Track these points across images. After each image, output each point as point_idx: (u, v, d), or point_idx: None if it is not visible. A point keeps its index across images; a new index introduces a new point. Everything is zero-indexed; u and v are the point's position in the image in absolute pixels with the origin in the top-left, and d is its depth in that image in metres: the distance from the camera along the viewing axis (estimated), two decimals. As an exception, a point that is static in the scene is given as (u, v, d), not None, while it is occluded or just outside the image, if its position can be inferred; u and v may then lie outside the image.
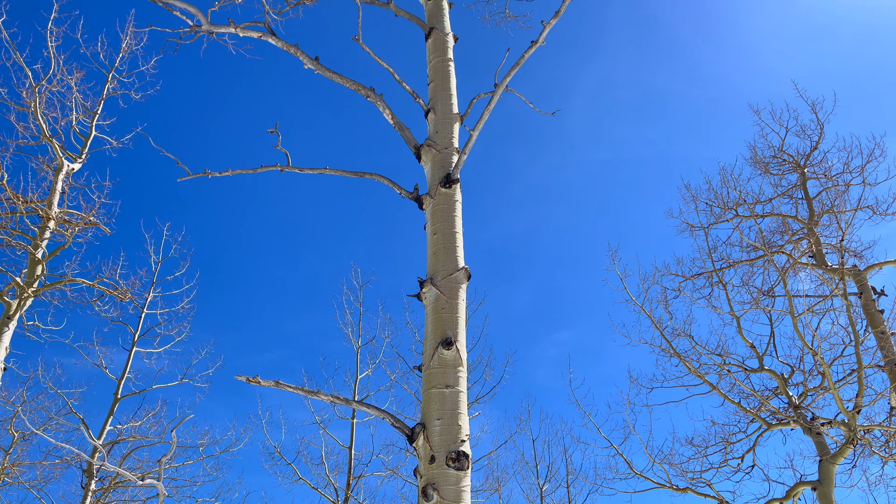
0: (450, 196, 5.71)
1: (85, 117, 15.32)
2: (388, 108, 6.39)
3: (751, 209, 15.59)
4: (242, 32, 6.84)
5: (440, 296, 5.15)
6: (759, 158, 16.42)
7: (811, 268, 14.16)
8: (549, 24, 6.05)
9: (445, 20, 7.35)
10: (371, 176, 6.10)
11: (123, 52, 15.88)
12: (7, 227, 13.22)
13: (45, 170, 14.48)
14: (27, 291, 12.60)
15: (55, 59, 14.59)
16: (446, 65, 6.82)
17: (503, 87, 6.17)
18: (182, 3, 6.84)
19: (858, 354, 11.38)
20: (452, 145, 6.14)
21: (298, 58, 6.68)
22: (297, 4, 8.24)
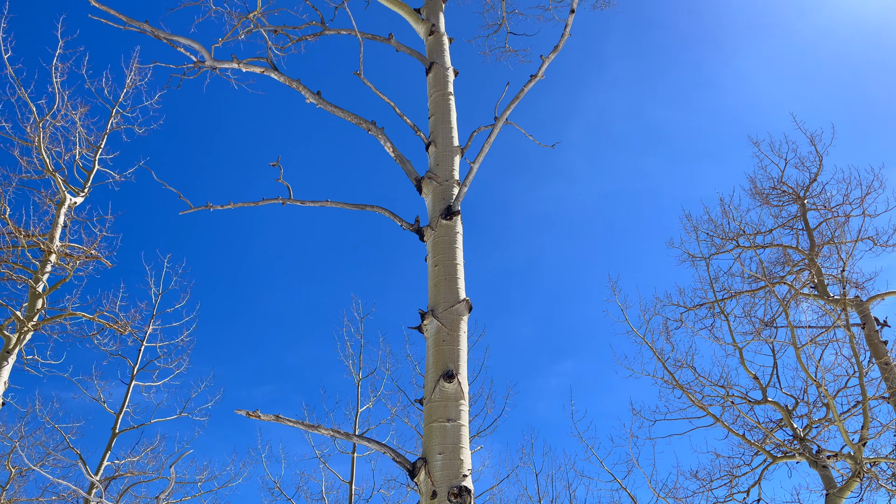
0: (451, 228, 5.73)
1: (88, 151, 15.44)
2: (389, 141, 6.45)
3: (751, 240, 15.62)
4: (245, 68, 6.93)
5: (441, 328, 5.14)
6: (758, 190, 16.51)
7: (813, 298, 14.13)
8: (547, 59, 6.13)
9: (446, 55, 7.45)
10: (372, 208, 6.13)
11: (128, 87, 16.08)
12: (8, 261, 13.24)
13: (47, 203, 14.55)
14: (27, 325, 12.56)
15: (60, 94, 14.76)
16: (447, 99, 6.90)
17: (503, 120, 6.23)
18: (186, 40, 6.94)
19: (863, 386, 11.29)
20: (453, 177, 6.17)
21: (300, 92, 6.76)
22: (299, 40, 8.37)
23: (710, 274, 14.94)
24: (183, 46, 7.07)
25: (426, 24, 7.81)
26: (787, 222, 16.05)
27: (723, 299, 14.81)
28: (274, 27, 8.35)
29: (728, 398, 13.71)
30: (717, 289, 14.86)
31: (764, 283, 14.29)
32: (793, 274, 15.28)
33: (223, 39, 8.17)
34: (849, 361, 13.21)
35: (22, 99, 14.33)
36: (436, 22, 7.84)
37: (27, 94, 14.33)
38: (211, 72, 7.57)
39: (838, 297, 13.49)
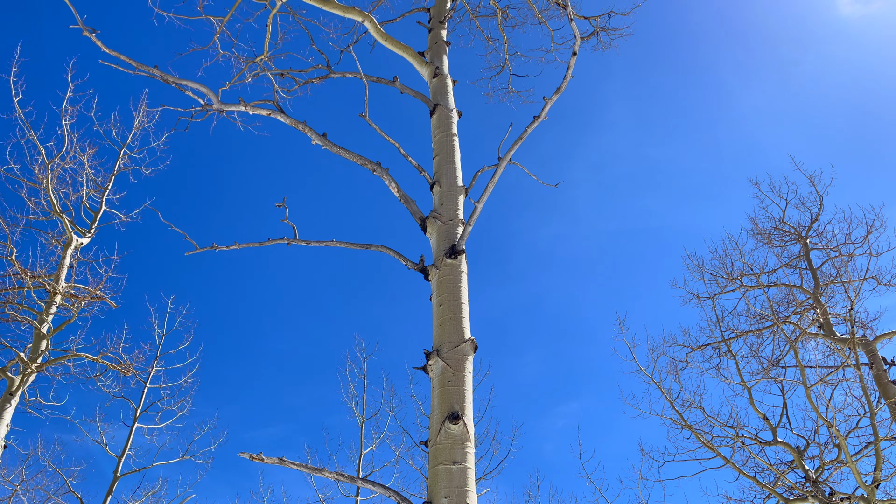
0: (455, 267, 5.73)
1: (95, 192, 15.59)
2: (393, 181, 6.50)
3: (756, 279, 15.58)
4: (252, 110, 7.03)
5: (446, 368, 5.10)
6: (760, 230, 16.54)
7: (820, 338, 14.02)
8: (550, 100, 6.21)
9: (449, 96, 7.56)
10: (377, 248, 6.14)
11: (136, 129, 16.30)
12: (13, 302, 13.25)
13: (53, 244, 14.62)
14: (31, 367, 12.51)
15: (69, 136, 14.96)
16: (451, 139, 6.97)
17: (506, 160, 6.28)
18: (194, 84, 7.06)
19: (874, 426, 11.13)
20: (457, 217, 6.20)
21: (307, 134, 6.84)
22: (305, 83, 8.51)
23: (716, 313, 14.87)
24: (191, 90, 7.19)
25: (430, 67, 7.94)
26: (791, 262, 16.03)
27: (729, 339, 14.71)
28: (280, 70, 8.50)
29: (738, 439, 13.51)
30: (723, 328, 14.78)
31: (770, 322, 14.20)
32: (799, 313, 15.20)
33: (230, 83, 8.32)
34: (859, 401, 13.05)
35: (31, 141, 14.54)
36: (440, 64, 7.97)
37: (36, 136, 14.54)
38: (218, 114, 7.68)
39: (846, 337, 13.38)
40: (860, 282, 14.16)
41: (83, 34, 6.65)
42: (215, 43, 9.31)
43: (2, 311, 13.20)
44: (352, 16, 8.50)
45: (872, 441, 11.36)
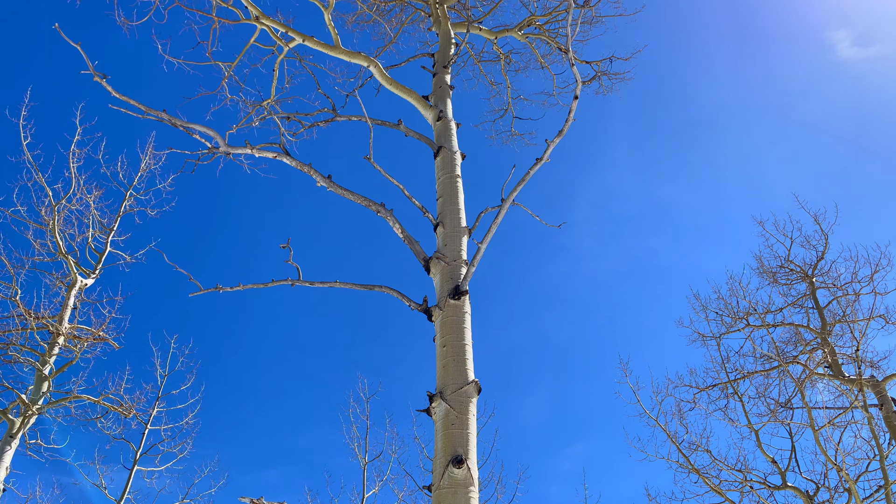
0: (459, 308, 5.73)
1: (101, 234, 15.69)
2: (397, 222, 6.54)
3: (762, 319, 15.50)
4: (258, 153, 7.12)
5: (450, 410, 5.06)
6: (766, 268, 16.51)
7: (828, 378, 13.88)
8: (552, 143, 6.28)
9: (453, 139, 7.65)
10: (380, 289, 6.15)
11: (142, 170, 16.48)
12: (17, 344, 13.24)
13: (58, 285, 14.67)
14: (32, 409, 12.43)
15: (76, 178, 15.13)
16: (454, 181, 7.03)
17: (510, 201, 6.32)
18: (201, 127, 7.16)
19: (884, 469, 10.94)
20: (461, 258, 6.22)
21: (312, 176, 6.91)
22: (311, 126, 8.62)
23: (721, 354, 14.77)
24: (198, 133, 7.29)
25: (434, 110, 8.05)
26: (797, 301, 15.96)
27: (736, 380, 14.57)
28: (287, 114, 8.63)
29: (746, 483, 13.28)
30: (729, 369, 14.66)
31: (777, 362, 14.08)
32: (806, 353, 15.08)
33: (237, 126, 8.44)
34: (868, 444, 12.85)
35: (38, 183, 14.70)
36: (443, 108, 8.09)
37: (44, 178, 14.71)
38: (224, 157, 7.78)
39: (854, 378, 13.24)
40: (867, 321, 14.08)
41: (94, 79, 6.79)
42: (223, 87, 9.48)
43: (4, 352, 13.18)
44: (358, 61, 8.66)
45: (883, 485, 11.15)
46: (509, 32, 11.69)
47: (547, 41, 11.90)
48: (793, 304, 15.97)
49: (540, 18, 11.70)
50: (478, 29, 11.53)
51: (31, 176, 14.72)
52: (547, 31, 11.80)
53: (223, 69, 9.42)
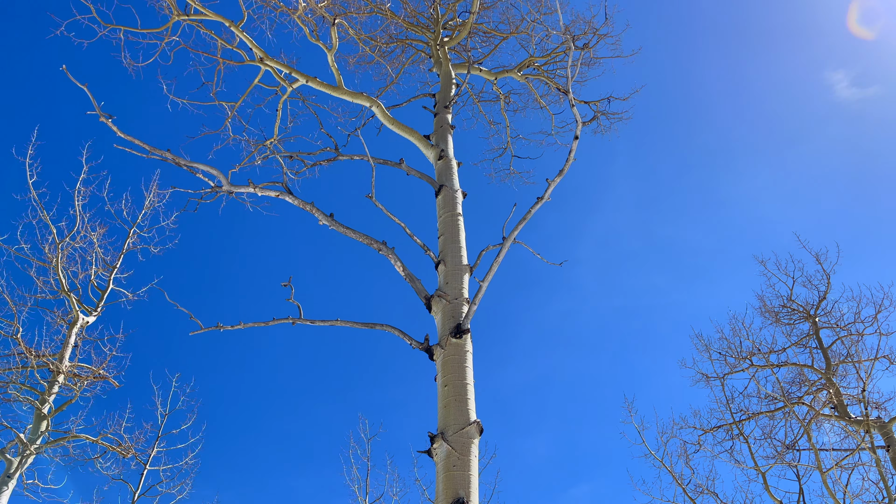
0: (460, 346, 5.70)
1: (104, 271, 15.70)
2: (399, 260, 6.55)
3: (766, 359, 15.38)
4: (261, 192, 7.17)
5: (451, 452, 4.99)
6: (768, 308, 16.44)
7: (834, 419, 13.71)
8: (553, 182, 6.32)
9: (454, 178, 7.71)
10: (382, 327, 6.13)
11: (146, 208, 16.57)
12: (16, 382, 13.15)
13: (59, 323, 14.62)
14: (30, 448, 12.29)
15: (80, 216, 15.21)
16: (455, 219, 7.07)
17: (511, 240, 6.34)
18: (205, 166, 7.23)
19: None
20: (462, 296, 6.21)
21: (314, 214, 6.95)
22: (313, 165, 8.70)
23: (725, 394, 14.62)
24: (202, 172, 7.36)
25: (435, 150, 8.13)
26: (801, 340, 15.86)
27: (741, 420, 14.40)
28: (289, 153, 8.71)
29: (753, 526, 13.02)
30: (734, 410, 14.49)
31: (782, 403, 13.93)
32: (811, 394, 14.93)
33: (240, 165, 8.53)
34: (877, 486, 12.63)
35: (43, 221, 14.77)
36: (444, 147, 8.17)
37: (49, 216, 14.78)
38: (227, 195, 7.83)
39: (860, 419, 13.08)
40: (872, 361, 13.96)
41: (100, 120, 6.88)
42: (227, 127, 9.60)
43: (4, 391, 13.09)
44: (360, 101, 8.78)
45: (894, 529, 10.93)
46: (509, 73, 11.86)
47: (546, 82, 12.07)
48: (796, 343, 15.87)
49: (539, 60, 11.89)
50: (478, 70, 11.71)
51: (37, 214, 14.80)
52: (545, 72, 11.98)
53: (227, 109, 9.55)
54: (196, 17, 8.48)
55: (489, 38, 12.34)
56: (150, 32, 8.66)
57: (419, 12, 11.87)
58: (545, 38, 11.91)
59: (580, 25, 11.55)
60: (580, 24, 11.56)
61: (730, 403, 14.50)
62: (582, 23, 11.53)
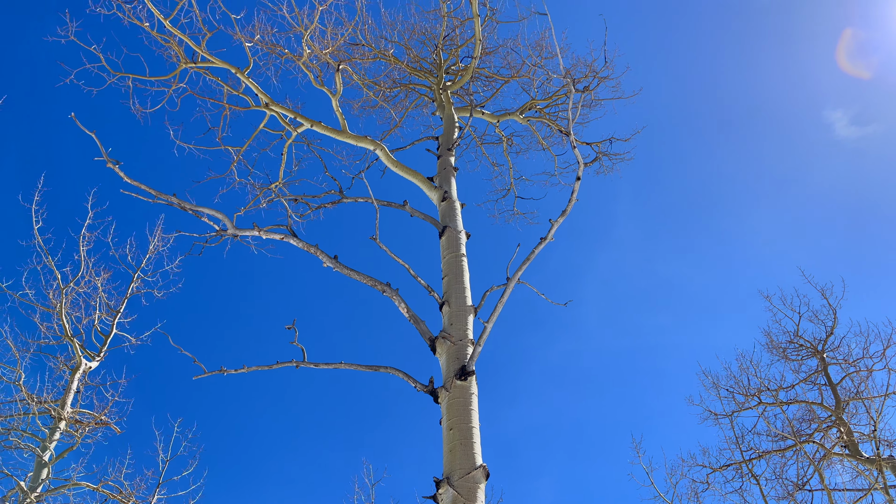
0: (465, 389, 5.66)
1: (107, 316, 15.69)
2: (403, 302, 6.54)
3: (774, 396, 15.21)
4: (266, 235, 7.21)
5: (457, 497, 4.92)
6: (775, 344, 16.32)
7: (846, 458, 13.49)
8: (556, 223, 6.35)
9: (458, 218, 7.75)
10: (386, 370, 6.10)
11: (150, 253, 16.62)
12: (18, 429, 13.04)
13: (62, 368, 14.56)
14: (30, 497, 12.12)
15: (85, 262, 15.26)
16: (459, 260, 7.08)
17: (515, 280, 6.34)
18: (210, 210, 7.29)
19: (913, 555, 10.48)
20: (467, 337, 6.19)
21: (318, 257, 6.98)
22: (318, 208, 8.76)
23: (734, 432, 14.43)
24: (207, 216, 7.42)
25: (439, 191, 8.19)
26: (809, 377, 15.70)
27: (750, 459, 14.17)
28: (294, 196, 8.78)
29: (768, 571, 12.71)
30: (743, 448, 14.29)
31: (792, 441, 13.73)
32: (821, 431, 14.71)
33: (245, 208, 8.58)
34: (893, 528, 12.36)
35: (48, 266, 14.83)
36: (448, 188, 8.23)
37: (54, 262, 14.84)
38: (232, 238, 7.88)
39: (872, 458, 12.87)
40: (882, 398, 13.80)
41: (107, 166, 6.97)
42: (232, 171, 9.70)
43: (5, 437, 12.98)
44: (364, 144, 8.88)
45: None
46: (511, 116, 12.02)
47: (548, 124, 12.22)
48: (805, 380, 15.71)
49: (540, 102, 12.05)
50: (480, 113, 11.87)
51: (41, 260, 14.86)
52: (547, 114, 12.13)
53: (233, 153, 9.66)
54: (203, 65, 8.64)
55: (491, 82, 12.55)
56: (158, 80, 8.83)
57: (422, 58, 12.10)
58: (546, 82, 12.10)
59: (581, 68, 11.75)
60: (581, 67, 11.75)
61: (739, 442, 14.31)
62: (583, 66, 11.73)
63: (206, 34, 8.28)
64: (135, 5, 7.92)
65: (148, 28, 8.17)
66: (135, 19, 8.04)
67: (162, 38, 8.32)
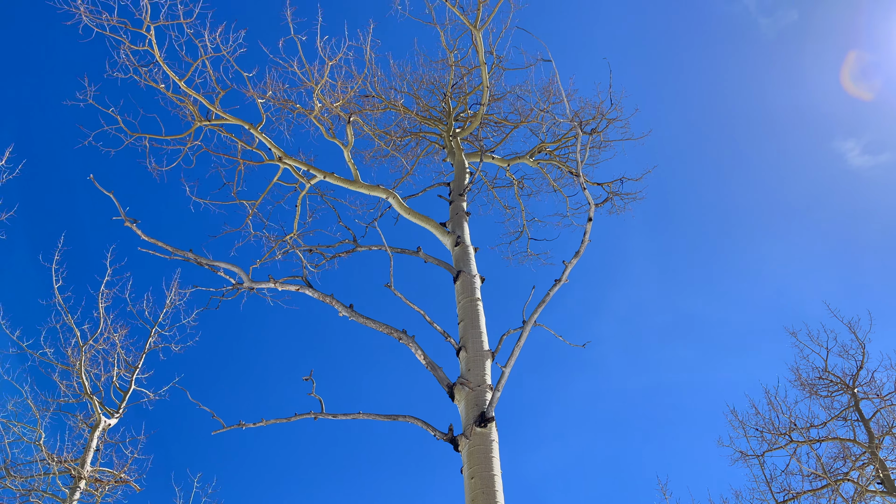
0: (486, 436, 5.57)
1: (126, 372, 15.73)
2: (420, 349, 6.51)
3: (805, 434, 14.83)
4: (281, 287, 7.24)
5: (481, 547, 4.80)
6: (804, 381, 15.99)
7: (881, 496, 13.05)
8: (570, 264, 6.33)
9: (472, 263, 7.75)
10: (404, 418, 6.03)
11: (167, 307, 16.74)
12: (38, 490, 12.99)
13: (81, 427, 14.56)
14: (49, 559, 12.01)
15: (104, 318, 15.39)
16: (475, 304, 7.05)
17: (531, 323, 6.30)
18: (226, 264, 7.35)
19: None
20: (485, 382, 6.12)
21: (333, 306, 6.98)
22: (332, 258, 8.81)
23: (765, 473, 14.04)
24: (223, 270, 7.47)
25: (452, 237, 8.21)
26: (841, 413, 15.31)
27: (784, 501, 13.74)
28: (309, 247, 8.85)
29: None
30: (776, 489, 13.88)
31: (826, 481, 13.32)
32: (856, 469, 14.27)
33: (261, 261, 8.65)
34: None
35: (67, 324, 14.96)
36: (461, 233, 8.25)
37: (73, 319, 14.98)
38: (248, 291, 7.91)
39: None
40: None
41: (125, 224, 7.08)
42: (247, 224, 9.80)
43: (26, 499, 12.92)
44: (377, 193, 8.97)
45: None
46: (521, 160, 12.11)
47: (558, 166, 12.29)
48: (836, 416, 15.32)
49: (550, 145, 12.15)
50: (490, 158, 11.97)
51: (61, 318, 15.01)
52: (557, 156, 12.22)
53: (247, 207, 9.78)
54: (217, 122, 8.82)
55: (500, 127, 12.69)
56: (174, 138, 9.01)
57: (431, 106, 12.28)
58: (555, 125, 12.21)
59: (589, 111, 11.86)
60: (589, 109, 11.87)
61: (770, 483, 13.91)
62: (590, 108, 11.85)
63: (219, 93, 8.48)
64: (150, 68, 8.15)
65: (163, 89, 8.38)
66: (151, 81, 8.26)
67: (177, 98, 8.52)
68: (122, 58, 8.00)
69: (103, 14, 7.51)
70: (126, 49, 7.90)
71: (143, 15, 7.56)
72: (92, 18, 7.50)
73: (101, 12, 7.50)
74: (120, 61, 8.03)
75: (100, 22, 7.56)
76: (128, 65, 8.09)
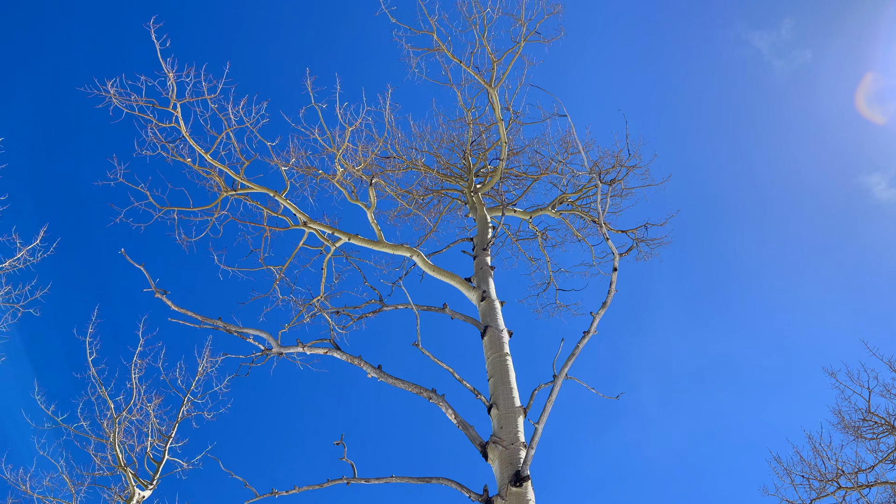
0: (522, 496, 5.46)
1: (159, 442, 15.75)
2: (450, 408, 6.45)
3: (853, 479, 14.27)
4: (310, 351, 7.28)
5: None
6: (847, 423, 15.46)
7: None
8: (598, 315, 6.28)
9: (499, 317, 7.73)
10: (438, 480, 5.94)
11: (199, 375, 16.84)
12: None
13: (116, 500, 14.52)
14: None
15: (137, 388, 15.51)
16: (504, 359, 7.00)
17: (562, 376, 6.22)
18: (255, 331, 7.42)
19: None
20: (518, 440, 6.03)
21: (362, 368, 6.98)
22: (359, 318, 8.84)
23: (816, 523, 13.46)
24: (252, 336, 7.54)
25: (477, 291, 8.22)
26: (888, 456, 14.73)
27: (839, 552, 13.15)
28: (336, 309, 8.91)
29: None
30: (829, 540, 13.28)
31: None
32: (911, 514, 13.65)
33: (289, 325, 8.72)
34: None
35: (101, 396, 15.09)
36: (486, 288, 8.26)
37: (107, 391, 15.12)
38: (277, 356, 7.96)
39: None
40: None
41: (155, 296, 7.21)
42: (275, 289, 9.92)
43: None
44: (401, 252, 9.05)
45: None
46: (543, 212, 12.17)
47: (580, 216, 12.32)
48: (884, 459, 14.74)
49: (571, 196, 12.21)
50: (512, 211, 12.05)
51: (95, 390, 15.16)
52: (579, 206, 12.26)
53: (275, 272, 9.91)
54: (243, 192, 9.04)
55: (521, 181, 12.81)
56: (201, 209, 9.24)
57: (452, 163, 12.47)
58: (574, 176, 12.31)
59: (608, 160, 11.95)
60: (608, 158, 11.96)
61: (823, 533, 13.32)
62: (609, 157, 11.94)
63: (244, 163, 8.72)
64: (177, 143, 8.42)
65: (190, 163, 8.64)
66: (178, 156, 8.53)
67: (203, 171, 8.77)
68: (150, 136, 8.30)
69: (132, 95, 7.83)
70: (154, 127, 8.20)
71: (169, 94, 7.87)
72: (122, 100, 7.82)
73: (130, 94, 7.83)
74: (148, 139, 8.33)
75: (128, 103, 7.88)
76: (155, 142, 8.38)
